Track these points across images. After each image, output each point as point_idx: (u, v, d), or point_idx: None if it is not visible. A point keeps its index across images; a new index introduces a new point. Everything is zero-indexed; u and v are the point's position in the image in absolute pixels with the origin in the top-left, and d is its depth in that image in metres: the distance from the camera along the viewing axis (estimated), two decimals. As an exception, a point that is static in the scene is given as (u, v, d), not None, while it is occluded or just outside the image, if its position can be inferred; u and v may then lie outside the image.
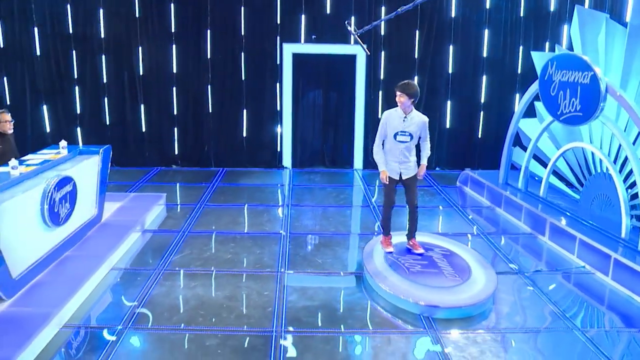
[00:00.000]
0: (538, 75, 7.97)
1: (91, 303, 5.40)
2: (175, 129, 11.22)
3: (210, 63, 10.90)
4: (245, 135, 11.30)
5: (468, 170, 10.17)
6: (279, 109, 11.19)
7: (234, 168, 11.21)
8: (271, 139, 11.38)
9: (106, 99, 10.98)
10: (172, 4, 10.63)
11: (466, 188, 9.91)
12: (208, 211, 8.42)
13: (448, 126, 11.22)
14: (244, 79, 11.01)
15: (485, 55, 10.92)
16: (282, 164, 11.35)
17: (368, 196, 9.53)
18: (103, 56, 10.77)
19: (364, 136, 11.24)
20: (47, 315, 4.76)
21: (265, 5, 10.70)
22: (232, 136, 11.27)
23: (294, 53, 10.91)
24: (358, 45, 8.02)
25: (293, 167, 11.40)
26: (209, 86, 11.01)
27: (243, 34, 10.80)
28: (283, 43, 10.86)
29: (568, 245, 6.84)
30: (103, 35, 10.68)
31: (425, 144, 6.13)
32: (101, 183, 7.19)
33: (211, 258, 6.60)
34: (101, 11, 10.58)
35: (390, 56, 10.94)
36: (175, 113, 11.12)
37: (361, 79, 11.02)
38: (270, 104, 11.19)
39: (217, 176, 10.63)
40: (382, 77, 11.03)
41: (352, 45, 10.57)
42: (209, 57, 10.87)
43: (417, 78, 10.77)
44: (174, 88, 11.00)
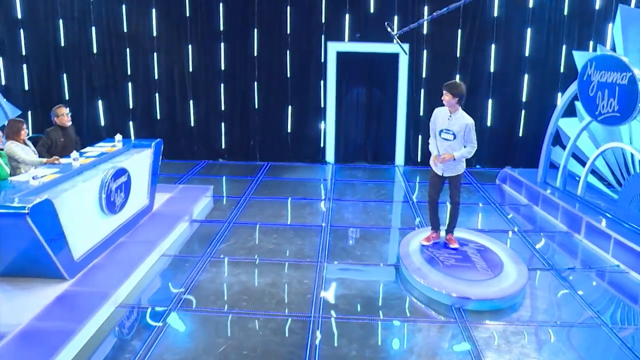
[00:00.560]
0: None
1: (143, 286, 5.80)
2: (222, 124, 11.61)
3: (256, 60, 11.22)
4: (289, 130, 11.60)
5: (507, 168, 10.23)
6: (323, 106, 11.43)
7: (278, 162, 11.52)
8: (315, 135, 11.62)
9: (157, 95, 11.48)
10: (221, 4, 11.01)
11: (505, 186, 9.97)
12: (252, 203, 8.75)
13: (489, 124, 11.25)
14: (289, 76, 11.29)
15: (527, 54, 10.90)
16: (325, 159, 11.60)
17: (408, 192, 9.68)
18: (155, 54, 11.25)
19: (406, 133, 11.42)
20: (105, 295, 5.18)
21: (310, 4, 10.96)
22: (277, 131, 11.56)
23: (338, 51, 11.14)
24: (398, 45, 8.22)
25: (336, 163, 11.64)
26: (255, 83, 11.34)
27: (289, 33, 11.09)
28: (328, 41, 11.10)
29: (603, 244, 6.87)
30: (155, 34, 11.16)
31: (467, 148, 6.11)
32: (152, 175, 7.61)
33: (255, 247, 6.93)
34: (153, 11, 11.05)
35: (432, 55, 11.05)
36: (222, 109, 11.50)
37: (403, 77, 11.16)
38: (314, 101, 11.43)
39: (262, 170, 10.96)
40: (425, 76, 11.14)
41: (394, 44, 10.72)
42: (256, 55, 11.19)
43: (459, 77, 10.84)
44: (222, 85, 11.39)
